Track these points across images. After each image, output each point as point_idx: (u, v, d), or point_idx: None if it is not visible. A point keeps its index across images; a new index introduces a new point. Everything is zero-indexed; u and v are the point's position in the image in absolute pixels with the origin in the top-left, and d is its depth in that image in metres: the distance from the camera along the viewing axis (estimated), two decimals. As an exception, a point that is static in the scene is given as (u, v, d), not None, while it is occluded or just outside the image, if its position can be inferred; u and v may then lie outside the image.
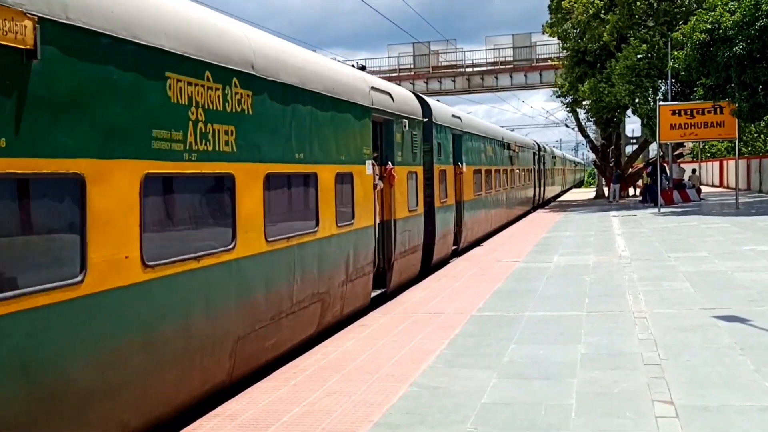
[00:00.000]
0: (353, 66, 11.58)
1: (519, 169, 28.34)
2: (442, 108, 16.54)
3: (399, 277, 12.06)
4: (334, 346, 7.84)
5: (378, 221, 11.02)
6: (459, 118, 17.56)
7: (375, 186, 10.78)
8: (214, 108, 6.33)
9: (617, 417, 5.22)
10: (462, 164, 17.20)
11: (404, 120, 12.38)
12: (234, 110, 6.66)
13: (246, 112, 6.88)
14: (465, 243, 17.58)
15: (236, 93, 6.71)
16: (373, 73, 21.91)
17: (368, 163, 10.49)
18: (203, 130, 6.14)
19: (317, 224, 8.56)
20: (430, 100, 15.41)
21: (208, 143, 6.21)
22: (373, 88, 10.99)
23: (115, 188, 5.10)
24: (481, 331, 8.19)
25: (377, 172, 10.99)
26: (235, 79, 6.68)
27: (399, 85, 17.24)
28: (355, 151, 9.97)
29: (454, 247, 16.52)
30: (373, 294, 10.74)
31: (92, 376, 4.88)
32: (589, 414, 5.29)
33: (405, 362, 6.99)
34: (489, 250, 16.93)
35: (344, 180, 9.53)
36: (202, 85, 6.17)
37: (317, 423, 5.37)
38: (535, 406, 5.53)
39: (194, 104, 6.04)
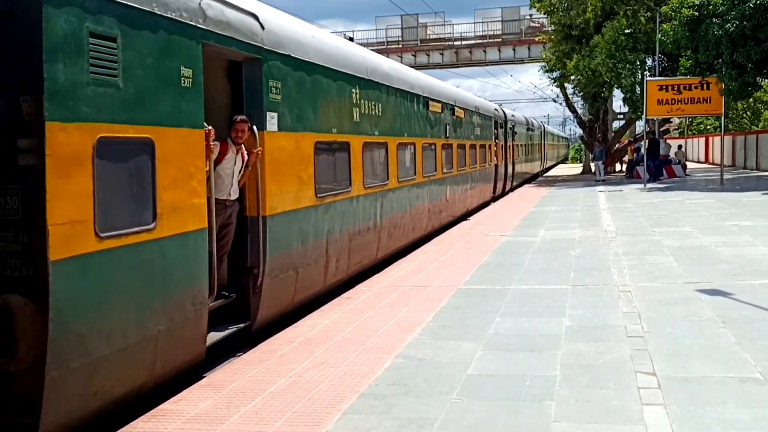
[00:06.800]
0: (344, 38, 14.01)
1: (535, 144, 41.02)
2: (508, 111, 30.69)
3: (497, 191, 25.22)
4: (321, 318, 7.87)
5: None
6: (513, 115, 31.94)
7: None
8: (460, 119, 18.37)
9: (600, 388, 5.29)
10: (514, 141, 29.58)
11: (499, 120, 25.57)
12: (475, 123, 20.79)
13: (472, 124, 20.24)
14: (511, 186, 29.40)
15: (477, 119, 21.12)
16: (361, 45, 23.47)
17: (493, 139, 23.99)
18: (456, 127, 17.93)
19: (485, 162, 22.19)
20: (503, 108, 29.05)
21: (462, 133, 18.71)
22: (495, 109, 25.31)
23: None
24: (467, 304, 8.24)
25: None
26: (475, 114, 20.89)
27: (387, 57, 20.87)
28: (489, 135, 23.38)
29: (508, 188, 28.53)
30: (492, 197, 23.93)
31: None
32: (572, 385, 5.36)
33: (391, 334, 7.03)
34: (476, 224, 16.99)
35: (488, 147, 22.88)
36: (478, 117, 21.37)
37: (304, 394, 5.40)
38: (520, 377, 5.59)
39: (474, 121, 20.54)
